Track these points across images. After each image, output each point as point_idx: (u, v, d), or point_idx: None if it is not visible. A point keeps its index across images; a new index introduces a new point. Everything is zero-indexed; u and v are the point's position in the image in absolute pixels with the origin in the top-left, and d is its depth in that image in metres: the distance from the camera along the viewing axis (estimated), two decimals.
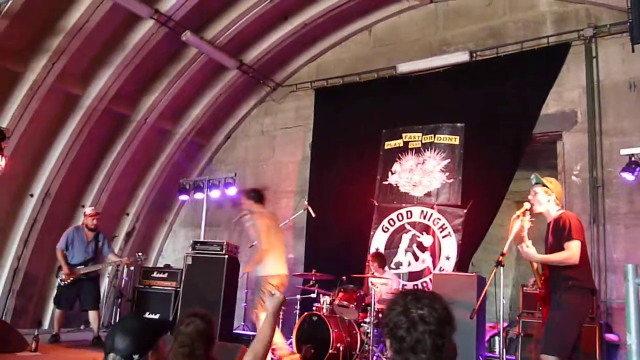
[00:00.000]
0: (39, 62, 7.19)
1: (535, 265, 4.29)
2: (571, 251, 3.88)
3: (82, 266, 6.89)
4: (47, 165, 8.02)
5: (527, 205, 4.18)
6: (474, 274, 6.06)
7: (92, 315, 6.88)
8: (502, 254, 4.17)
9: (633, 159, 5.96)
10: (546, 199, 4.19)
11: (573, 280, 3.89)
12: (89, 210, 7.28)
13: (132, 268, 8.01)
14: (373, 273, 6.58)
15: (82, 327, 8.20)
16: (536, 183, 4.27)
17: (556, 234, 4.04)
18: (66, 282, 6.81)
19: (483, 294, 4.52)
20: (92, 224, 7.08)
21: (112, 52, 7.80)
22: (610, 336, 5.53)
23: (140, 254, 7.48)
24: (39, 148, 7.93)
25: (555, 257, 3.95)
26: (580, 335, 3.94)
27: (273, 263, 5.76)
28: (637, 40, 4.06)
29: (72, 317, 8.33)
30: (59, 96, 7.74)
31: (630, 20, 4.10)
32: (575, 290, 3.89)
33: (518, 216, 4.14)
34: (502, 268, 4.23)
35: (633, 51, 4.09)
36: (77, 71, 7.72)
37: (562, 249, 3.93)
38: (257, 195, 6.15)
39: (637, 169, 5.91)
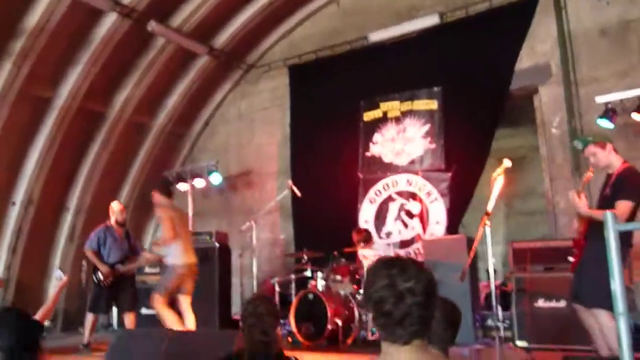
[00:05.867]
0: (3, 67, 7.03)
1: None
2: (618, 211, 3.82)
3: (120, 265, 6.52)
4: (26, 171, 7.90)
5: (507, 162, 4.19)
6: (462, 235, 6.10)
7: (128, 317, 6.52)
8: (487, 214, 4.19)
9: (609, 106, 5.97)
10: (605, 153, 4.14)
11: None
12: (115, 204, 6.86)
13: None
14: (362, 246, 6.61)
15: (80, 329, 8.17)
16: (585, 145, 4.23)
17: (614, 189, 4.00)
18: (105, 283, 6.42)
19: (471, 255, 4.56)
20: (122, 218, 6.72)
21: (78, 50, 7.62)
22: None
23: None
24: (16, 155, 7.80)
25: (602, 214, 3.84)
26: None
27: (178, 252, 5.85)
28: None
29: (73, 319, 8.34)
30: (29, 100, 7.57)
31: None
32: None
33: (499, 174, 4.15)
34: (488, 228, 4.24)
35: None
36: (45, 73, 7.55)
37: (614, 205, 3.89)
38: (167, 189, 6.27)
39: (614, 115, 5.93)
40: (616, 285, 1.89)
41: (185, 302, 5.94)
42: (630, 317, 1.94)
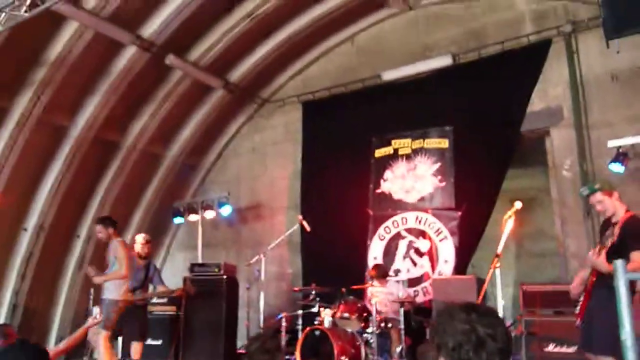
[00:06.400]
0: (24, 95, 7.21)
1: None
2: (637, 262, 3.80)
3: (132, 293, 6.44)
4: (40, 198, 8.01)
5: (518, 205, 4.19)
6: (472, 276, 6.08)
7: (134, 347, 6.45)
8: (497, 256, 4.18)
9: (620, 150, 5.99)
10: (611, 201, 4.13)
11: None
12: (140, 238, 6.86)
13: None
14: (372, 283, 6.57)
15: (84, 358, 8.11)
16: (591, 192, 4.21)
17: (623, 239, 3.96)
18: None
19: (481, 297, 4.53)
20: (144, 252, 6.75)
21: (97, 81, 7.81)
22: None
23: (189, 282, 7.34)
24: (30, 181, 7.91)
25: (629, 267, 3.80)
26: None
27: (123, 289, 6.08)
28: (611, 36, 4.10)
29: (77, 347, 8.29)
30: (47, 128, 7.73)
31: (603, 17, 4.14)
32: None
33: (510, 216, 4.15)
34: (498, 269, 4.23)
35: (608, 47, 4.15)
36: (64, 102, 7.72)
37: (626, 253, 3.84)
38: (114, 223, 6.34)
39: (625, 160, 5.94)
40: (626, 334, 1.89)
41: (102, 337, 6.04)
42: None
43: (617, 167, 6.03)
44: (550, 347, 5.22)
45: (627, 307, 1.90)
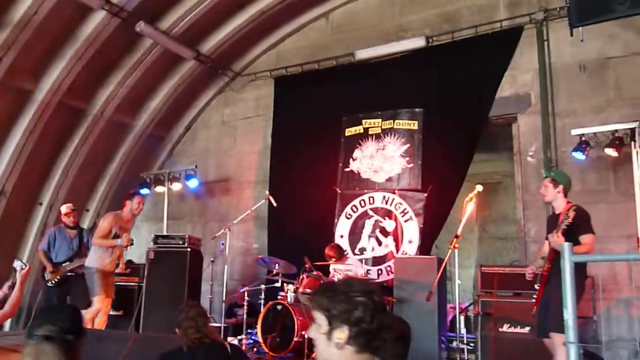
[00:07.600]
0: None
1: (546, 250, 4.61)
2: (590, 245, 4.26)
3: (67, 262, 6.64)
4: (1, 163, 7.79)
5: (479, 188, 4.29)
6: (433, 256, 6.17)
7: (83, 314, 6.61)
8: (456, 236, 4.27)
9: (583, 138, 6.13)
10: (555, 191, 4.57)
11: (578, 265, 4.08)
12: (64, 208, 6.98)
13: None
14: (334, 261, 6.64)
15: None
16: (545, 177, 4.75)
17: (571, 226, 4.26)
18: (53, 282, 6.60)
19: (438, 277, 4.63)
20: (72, 222, 6.87)
21: (64, 45, 7.58)
22: None
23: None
24: None
25: (580, 249, 4.18)
26: None
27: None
28: (575, 24, 4.17)
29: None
30: (10, 91, 7.50)
31: (568, 5, 4.22)
32: (577, 273, 4.05)
33: (471, 199, 4.24)
34: (456, 250, 4.32)
35: (571, 35, 4.23)
36: (28, 65, 7.48)
37: (574, 239, 4.12)
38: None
39: (588, 148, 6.08)
40: (569, 315, 1.95)
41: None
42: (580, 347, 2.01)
43: (579, 155, 6.17)
44: (505, 327, 5.37)
45: (571, 288, 1.96)
